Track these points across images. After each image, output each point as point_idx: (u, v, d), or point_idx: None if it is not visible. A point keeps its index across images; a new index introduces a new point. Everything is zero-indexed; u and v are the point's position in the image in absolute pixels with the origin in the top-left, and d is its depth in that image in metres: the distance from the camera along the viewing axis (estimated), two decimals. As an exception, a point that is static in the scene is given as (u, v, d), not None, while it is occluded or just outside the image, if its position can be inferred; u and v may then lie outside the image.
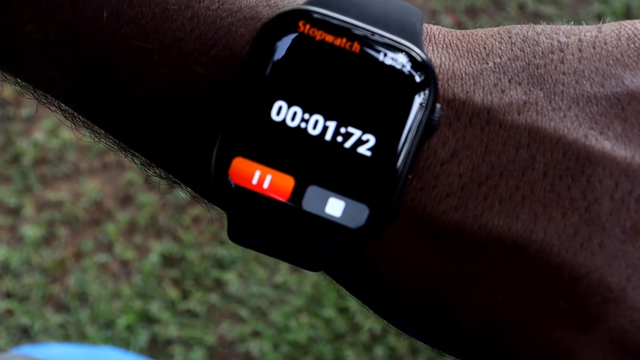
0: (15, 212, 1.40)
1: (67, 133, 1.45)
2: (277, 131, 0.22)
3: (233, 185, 0.23)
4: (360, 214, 0.22)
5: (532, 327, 0.22)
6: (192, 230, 1.36)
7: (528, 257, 0.22)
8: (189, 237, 1.36)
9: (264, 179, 0.22)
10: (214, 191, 0.23)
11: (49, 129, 1.46)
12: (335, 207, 0.22)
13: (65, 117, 0.27)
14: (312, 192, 0.22)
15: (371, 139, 0.22)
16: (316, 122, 0.22)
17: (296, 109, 0.22)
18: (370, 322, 1.26)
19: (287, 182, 0.22)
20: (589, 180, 0.22)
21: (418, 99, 0.22)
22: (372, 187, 0.22)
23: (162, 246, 1.35)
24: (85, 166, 1.43)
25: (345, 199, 0.22)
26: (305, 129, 0.22)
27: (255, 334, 1.28)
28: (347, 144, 0.22)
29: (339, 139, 0.22)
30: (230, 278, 1.32)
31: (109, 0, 0.23)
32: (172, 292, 1.32)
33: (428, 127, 0.22)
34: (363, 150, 0.22)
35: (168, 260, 1.35)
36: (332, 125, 0.22)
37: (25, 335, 1.30)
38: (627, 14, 1.47)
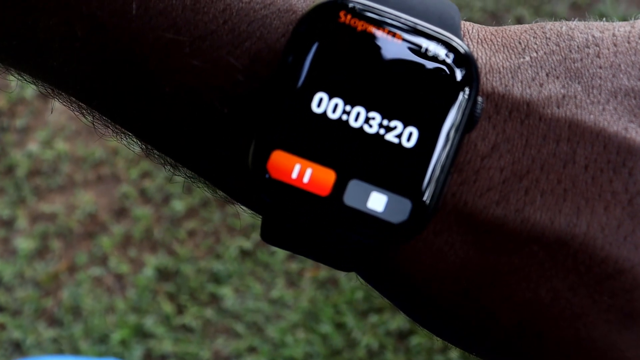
0: (8, 224, 1.38)
1: (62, 144, 1.44)
2: (317, 123, 0.22)
3: (272, 180, 0.22)
4: (403, 208, 0.22)
5: (575, 323, 0.22)
6: (187, 244, 1.35)
7: (571, 252, 0.22)
8: (184, 250, 1.34)
9: (304, 173, 0.22)
10: (250, 186, 0.23)
11: (44, 140, 1.45)
12: (377, 201, 0.22)
13: (83, 114, 0.26)
14: (354, 186, 0.22)
15: (414, 132, 0.22)
16: (358, 114, 0.22)
17: (337, 100, 0.22)
18: (367, 337, 1.25)
19: (328, 176, 0.22)
20: (631, 173, 0.22)
21: (461, 92, 0.22)
22: (415, 181, 0.22)
23: (157, 260, 1.34)
24: (80, 178, 1.41)
25: (388, 193, 0.22)
26: (347, 121, 0.22)
27: (251, 350, 1.27)
28: (389, 137, 0.22)
29: (381, 131, 0.22)
30: (226, 293, 1.31)
31: None
32: (167, 307, 1.30)
33: (470, 120, 0.22)
34: (405, 143, 0.22)
35: (163, 274, 1.34)
36: (374, 117, 0.22)
37: (18, 350, 1.28)
38: (623, 30, 1.48)
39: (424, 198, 0.22)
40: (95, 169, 1.43)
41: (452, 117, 0.22)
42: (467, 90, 0.22)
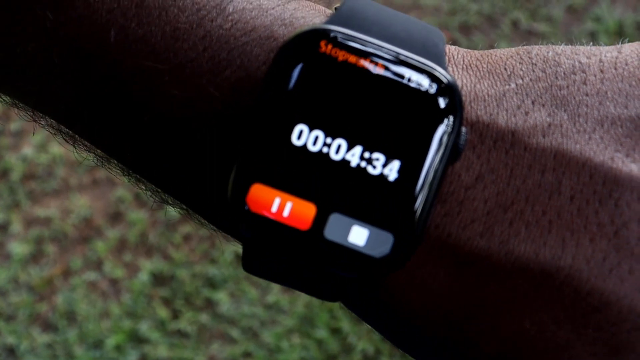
0: (2, 228, 1.38)
1: (57, 148, 1.43)
2: (298, 156, 0.22)
3: (251, 213, 0.21)
4: (385, 242, 0.21)
5: (560, 356, 0.22)
6: (182, 249, 1.35)
7: (556, 284, 0.22)
8: (179, 255, 1.34)
9: (284, 207, 0.21)
10: (229, 219, 0.22)
11: (38, 144, 1.45)
12: (358, 235, 0.21)
13: (64, 139, 0.26)
14: (335, 220, 0.22)
15: (395, 164, 0.22)
16: (339, 146, 0.22)
17: (318, 132, 0.22)
18: (362, 343, 1.24)
19: (308, 210, 0.22)
20: (617, 204, 0.22)
21: (444, 123, 0.22)
22: (397, 214, 0.22)
23: (153, 264, 1.33)
24: (75, 182, 1.41)
25: (369, 227, 0.22)
26: (328, 153, 0.22)
27: (247, 355, 1.27)
28: (371, 170, 0.22)
29: (363, 164, 0.22)
30: (222, 298, 1.30)
31: (117, 18, 0.22)
32: (162, 312, 1.30)
33: (454, 151, 0.22)
34: (387, 175, 0.22)
35: (158, 279, 1.33)
36: (355, 149, 0.22)
37: (12, 355, 1.27)
38: (620, 32, 1.48)
39: (406, 231, 0.21)
40: (90, 173, 1.42)
41: (434, 148, 0.22)
42: (450, 121, 0.22)
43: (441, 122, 0.22)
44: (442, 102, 0.22)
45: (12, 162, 1.43)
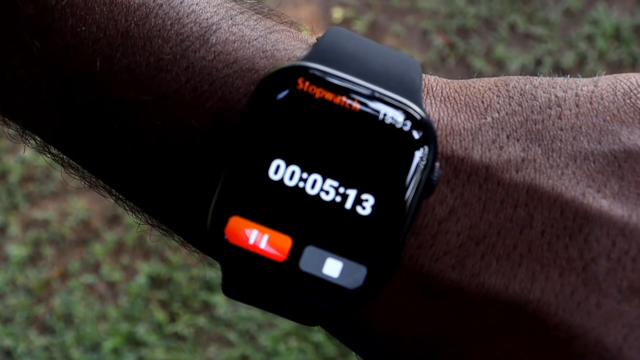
0: (0, 230, 1.38)
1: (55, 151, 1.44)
2: (274, 190, 0.22)
3: (229, 244, 0.22)
4: (358, 274, 0.22)
5: None
6: (180, 252, 1.35)
7: (525, 317, 0.22)
8: (177, 258, 1.34)
9: (261, 239, 0.22)
10: (209, 248, 0.23)
11: (36, 151, 1.45)
12: (332, 267, 0.22)
13: (54, 160, 0.26)
14: (310, 253, 0.22)
15: (370, 199, 0.22)
16: (314, 181, 0.22)
17: (294, 168, 0.22)
18: (359, 345, 1.25)
19: (284, 242, 0.22)
20: (586, 240, 0.22)
21: (417, 159, 0.22)
22: (370, 248, 0.22)
23: (150, 267, 1.34)
24: (73, 185, 1.41)
25: (343, 260, 0.22)
26: (304, 188, 0.22)
27: (244, 358, 1.27)
28: (346, 204, 0.22)
29: (338, 199, 0.22)
30: (219, 300, 1.31)
31: (103, 48, 0.23)
32: (160, 315, 1.30)
33: (427, 186, 0.22)
34: (361, 210, 0.22)
35: (156, 282, 1.33)
36: (330, 184, 0.22)
37: (9, 357, 1.28)
38: (617, 35, 1.48)
39: (379, 264, 0.22)
40: (87, 176, 1.42)
41: (408, 184, 0.22)
42: (423, 156, 0.22)
43: (415, 157, 0.22)
44: (415, 139, 0.22)
45: (11, 164, 1.43)
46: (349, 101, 0.22)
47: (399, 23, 1.53)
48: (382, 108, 0.22)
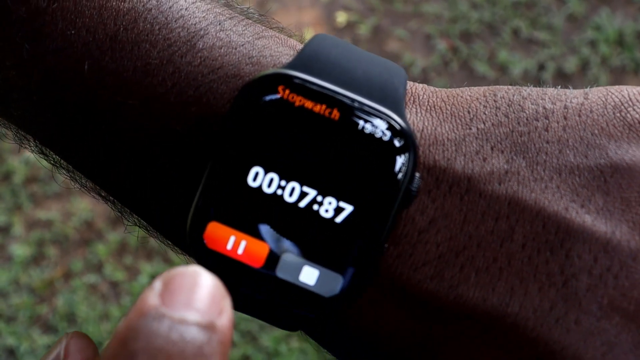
0: (4, 230, 1.39)
1: (59, 152, 1.44)
2: (253, 197, 0.22)
3: (207, 249, 0.22)
4: (334, 282, 0.22)
5: None
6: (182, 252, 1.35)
7: (502, 330, 0.22)
8: (179, 259, 1.34)
9: (239, 245, 0.22)
10: (188, 252, 0.23)
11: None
12: (309, 275, 0.22)
13: (47, 160, 0.27)
14: (287, 260, 0.22)
15: (347, 208, 0.22)
16: (292, 189, 0.22)
17: (273, 175, 0.22)
18: (360, 347, 1.25)
19: (261, 249, 0.22)
20: (568, 255, 0.22)
21: (397, 169, 0.22)
22: (347, 256, 0.22)
23: (153, 268, 1.34)
24: (76, 186, 1.41)
25: (320, 268, 0.22)
26: (282, 196, 0.22)
27: (245, 358, 1.27)
28: (323, 212, 0.22)
29: (315, 207, 0.22)
30: (220, 301, 1.31)
31: (91, 51, 0.23)
32: (161, 315, 1.30)
33: (406, 196, 0.22)
34: (339, 219, 0.22)
35: (158, 282, 1.34)
36: (308, 193, 0.22)
37: (12, 356, 1.28)
38: (620, 41, 1.48)
39: (356, 273, 0.22)
40: (91, 177, 1.43)
41: (386, 193, 0.22)
42: (403, 166, 0.22)
43: (394, 167, 0.22)
44: (395, 149, 0.22)
45: (15, 165, 1.44)
46: (328, 110, 0.22)
47: (402, 27, 1.54)
48: (362, 117, 0.22)
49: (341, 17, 1.55)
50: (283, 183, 0.22)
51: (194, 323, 0.17)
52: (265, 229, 0.22)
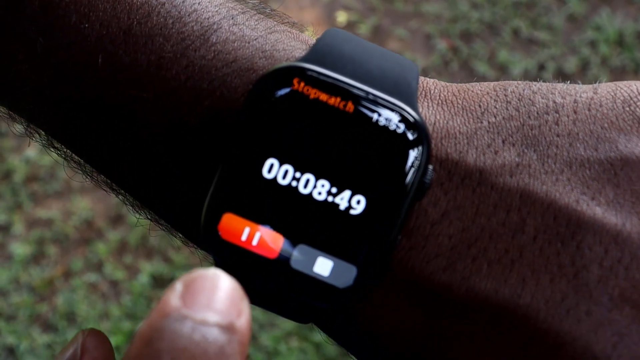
0: (4, 229, 1.39)
1: (59, 151, 1.44)
2: (267, 189, 0.22)
3: (222, 240, 0.22)
4: (348, 274, 0.22)
5: None
6: (183, 251, 1.36)
7: (514, 322, 0.22)
8: (179, 258, 1.35)
9: (253, 236, 0.22)
10: (202, 244, 0.23)
11: (41, 146, 1.45)
12: (323, 266, 0.22)
13: (58, 154, 0.27)
14: (301, 251, 0.22)
15: (362, 200, 0.22)
16: (307, 181, 0.22)
17: (287, 167, 0.22)
18: (360, 346, 1.25)
19: (276, 240, 0.23)
20: (579, 247, 0.22)
21: (410, 161, 0.22)
22: (361, 248, 0.22)
23: (153, 267, 1.34)
24: (77, 184, 1.42)
25: (334, 259, 0.22)
26: (296, 187, 0.22)
27: (245, 358, 1.27)
28: (337, 204, 0.22)
29: (330, 198, 0.22)
30: (220, 300, 1.31)
31: (105, 45, 0.23)
32: (161, 314, 1.30)
33: (420, 188, 0.22)
34: (353, 210, 0.22)
35: (158, 281, 1.34)
36: (323, 184, 0.22)
37: (11, 355, 1.28)
38: (620, 41, 1.48)
39: (370, 264, 0.22)
40: (92, 175, 1.43)
41: (400, 185, 0.22)
42: (416, 159, 0.22)
43: (408, 159, 0.22)
44: (408, 141, 0.22)
45: (15, 163, 1.44)
46: (343, 102, 0.22)
47: (402, 27, 1.54)
48: (376, 110, 0.22)
49: (341, 17, 1.55)
50: (298, 175, 0.22)
51: (214, 324, 0.17)
52: (279, 220, 0.22)
